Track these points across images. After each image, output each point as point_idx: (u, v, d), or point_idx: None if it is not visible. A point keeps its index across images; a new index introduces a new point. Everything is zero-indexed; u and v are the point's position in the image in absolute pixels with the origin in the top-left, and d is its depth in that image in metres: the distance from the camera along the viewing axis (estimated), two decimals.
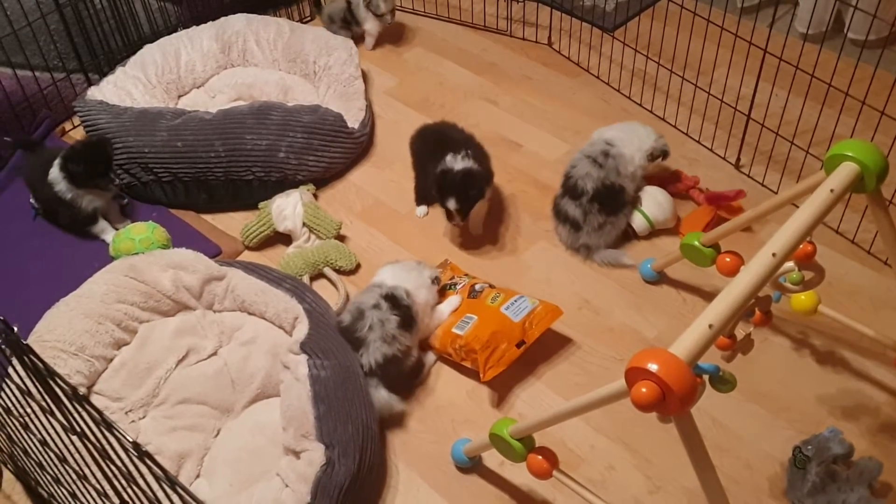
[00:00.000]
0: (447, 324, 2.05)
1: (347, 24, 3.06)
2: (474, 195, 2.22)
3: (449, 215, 2.26)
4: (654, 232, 2.34)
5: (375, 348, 1.90)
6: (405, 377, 1.99)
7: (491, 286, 2.12)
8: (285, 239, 2.35)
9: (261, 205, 2.37)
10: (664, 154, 2.37)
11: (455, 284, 2.15)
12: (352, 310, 1.98)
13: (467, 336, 1.98)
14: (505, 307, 2.02)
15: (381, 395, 1.90)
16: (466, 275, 2.21)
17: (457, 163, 2.22)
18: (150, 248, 2.18)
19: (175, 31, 2.90)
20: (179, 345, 2.01)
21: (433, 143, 2.35)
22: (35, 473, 1.66)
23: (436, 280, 2.10)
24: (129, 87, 2.64)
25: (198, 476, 1.84)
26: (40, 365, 1.07)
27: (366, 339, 1.91)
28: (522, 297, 2.06)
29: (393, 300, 1.95)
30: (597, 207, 2.24)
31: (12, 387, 1.35)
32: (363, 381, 1.87)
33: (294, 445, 1.74)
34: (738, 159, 2.51)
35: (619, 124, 2.40)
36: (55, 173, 2.29)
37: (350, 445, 1.72)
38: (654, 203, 2.31)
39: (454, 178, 2.20)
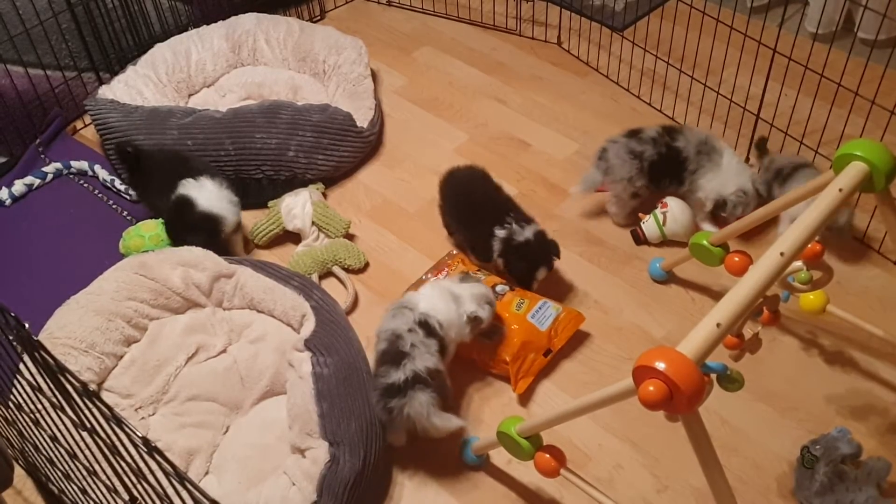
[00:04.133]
0: None
1: (761, 196, 2.28)
2: (557, 254, 2.14)
3: (531, 283, 2.12)
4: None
5: (423, 359, 1.77)
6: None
7: (512, 289, 2.10)
8: (294, 237, 2.36)
9: (270, 203, 2.38)
10: (724, 206, 2.26)
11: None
12: (386, 336, 1.84)
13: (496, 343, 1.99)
14: (531, 315, 2.01)
15: (435, 419, 1.73)
16: (479, 269, 2.19)
17: (519, 231, 2.09)
18: (160, 245, 2.19)
19: (186, 30, 2.91)
20: (189, 342, 2.02)
21: (466, 206, 2.26)
22: (45, 469, 1.67)
23: (475, 319, 1.92)
24: (140, 85, 2.65)
25: (207, 473, 1.84)
26: (51, 361, 1.07)
27: (411, 353, 1.78)
28: (546, 304, 2.05)
29: (427, 328, 1.84)
30: (653, 152, 2.26)
31: (23, 383, 1.37)
32: (366, 377, 1.86)
33: (299, 443, 1.75)
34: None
35: (730, 154, 2.29)
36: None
37: (355, 442, 1.73)
38: (671, 218, 2.28)
39: (534, 247, 2.09)
